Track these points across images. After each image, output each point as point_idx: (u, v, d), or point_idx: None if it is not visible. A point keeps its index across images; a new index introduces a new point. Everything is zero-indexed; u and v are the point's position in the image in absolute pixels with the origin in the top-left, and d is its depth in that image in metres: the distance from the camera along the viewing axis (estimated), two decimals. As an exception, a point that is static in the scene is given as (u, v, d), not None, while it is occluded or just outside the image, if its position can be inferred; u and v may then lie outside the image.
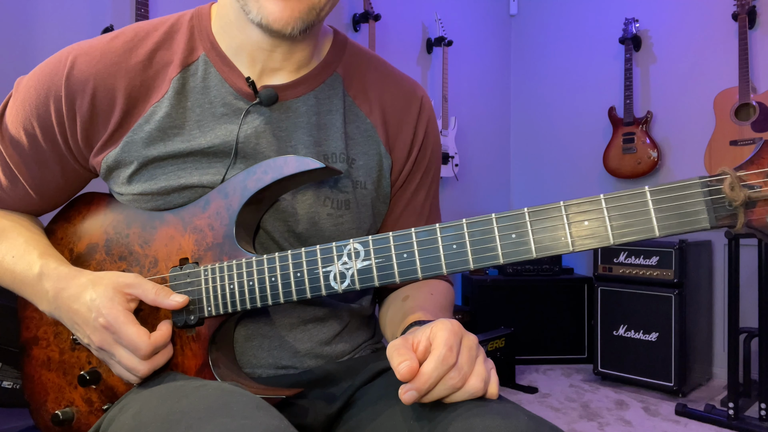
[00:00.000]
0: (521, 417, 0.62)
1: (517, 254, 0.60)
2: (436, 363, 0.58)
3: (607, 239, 0.57)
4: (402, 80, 0.90)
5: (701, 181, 0.53)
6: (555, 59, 3.76)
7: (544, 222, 0.59)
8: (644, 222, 0.55)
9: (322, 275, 0.67)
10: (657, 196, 0.55)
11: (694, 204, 0.53)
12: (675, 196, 0.54)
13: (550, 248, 0.59)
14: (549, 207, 0.59)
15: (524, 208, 0.60)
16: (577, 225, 0.58)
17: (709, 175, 0.52)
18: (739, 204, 0.49)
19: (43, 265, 0.77)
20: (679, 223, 0.54)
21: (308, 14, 0.72)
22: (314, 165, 0.71)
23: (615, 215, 0.56)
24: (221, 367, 0.74)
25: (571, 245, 0.58)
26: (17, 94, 0.81)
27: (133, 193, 0.78)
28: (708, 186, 0.52)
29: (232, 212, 0.74)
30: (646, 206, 0.55)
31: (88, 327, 0.72)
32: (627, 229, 0.56)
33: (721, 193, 0.51)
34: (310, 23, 0.73)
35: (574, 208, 0.58)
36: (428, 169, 0.91)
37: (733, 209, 0.51)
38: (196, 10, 0.83)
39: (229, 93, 0.78)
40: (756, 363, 2.37)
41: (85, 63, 0.77)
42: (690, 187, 0.53)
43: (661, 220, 0.55)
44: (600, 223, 0.57)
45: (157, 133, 0.77)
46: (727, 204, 0.51)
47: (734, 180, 0.49)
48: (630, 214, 0.56)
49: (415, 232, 0.64)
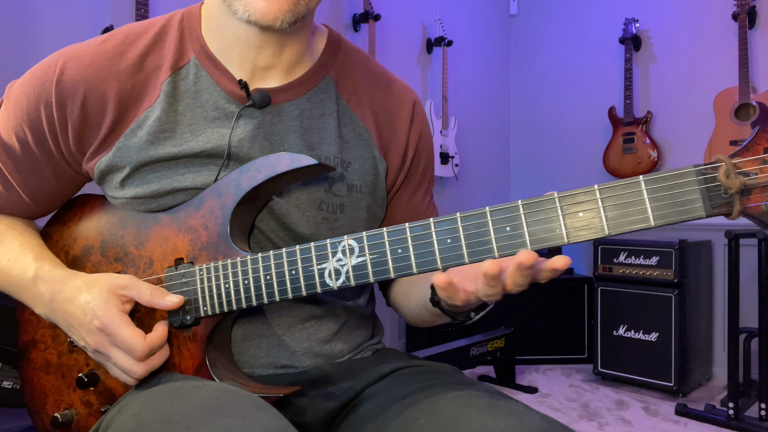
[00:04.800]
0: (535, 417, 0.62)
1: (512, 247, 0.59)
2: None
3: (602, 230, 0.56)
4: (394, 84, 0.90)
5: (696, 169, 0.52)
6: (555, 59, 3.76)
7: (538, 214, 0.58)
8: (639, 212, 0.55)
9: (317, 272, 0.67)
10: (652, 185, 0.54)
11: (689, 192, 0.53)
12: (670, 185, 0.54)
13: (544, 240, 0.58)
14: (543, 199, 0.58)
15: (518, 200, 0.59)
16: (572, 216, 0.57)
17: (704, 163, 0.52)
18: (735, 191, 0.49)
19: (38, 268, 0.77)
20: (674, 212, 0.53)
21: (296, 6, 0.71)
22: (307, 162, 0.71)
23: (610, 205, 0.56)
24: (219, 366, 0.74)
25: (566, 237, 0.57)
26: (8, 100, 0.81)
27: (126, 197, 0.78)
28: (703, 174, 0.52)
29: (226, 211, 0.74)
30: (641, 195, 0.55)
31: (83, 329, 0.72)
32: (622, 219, 0.55)
33: (716, 181, 0.51)
34: (299, 15, 0.72)
35: (568, 199, 0.57)
36: (424, 173, 0.91)
37: (728, 197, 0.50)
38: (186, 11, 0.82)
39: (221, 96, 0.78)
40: (756, 363, 2.37)
41: (75, 68, 0.76)
42: (685, 176, 0.53)
43: (656, 209, 0.54)
44: (595, 214, 0.56)
45: (149, 137, 0.76)
46: (723, 192, 0.51)
47: (729, 167, 0.48)
48: (625, 204, 0.55)
49: (409, 227, 0.63)
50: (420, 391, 0.72)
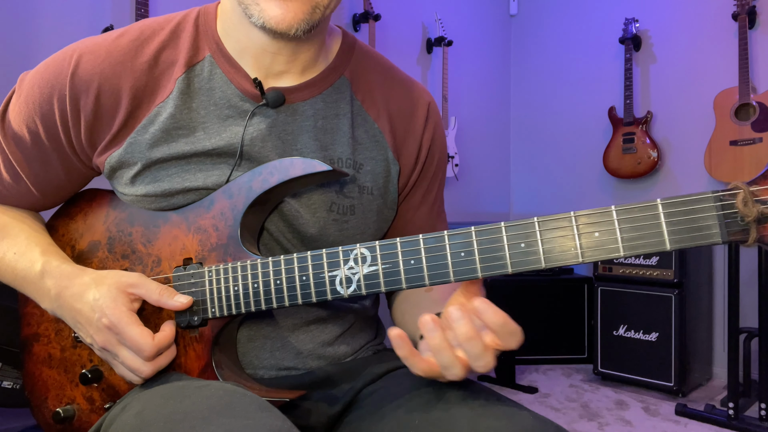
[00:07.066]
0: (526, 417, 0.62)
1: (526, 264, 0.59)
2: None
3: (617, 251, 0.56)
4: (409, 85, 0.89)
5: (714, 195, 0.52)
6: (555, 59, 3.75)
7: (553, 232, 0.58)
8: (655, 235, 0.55)
9: (328, 280, 0.66)
10: (669, 209, 0.54)
11: (706, 218, 0.53)
12: (687, 210, 0.54)
13: (559, 259, 0.58)
14: (559, 217, 0.58)
15: (534, 217, 0.59)
16: (588, 236, 0.57)
17: (721, 190, 0.52)
18: (752, 219, 0.49)
19: (45, 262, 0.77)
20: (690, 237, 0.53)
21: (312, 14, 0.71)
22: (321, 167, 0.70)
23: (626, 227, 0.56)
24: (224, 368, 0.74)
25: (580, 256, 0.58)
26: (20, 91, 0.80)
27: (136, 195, 0.78)
28: (721, 200, 0.52)
29: (237, 213, 0.73)
30: (657, 219, 0.55)
31: (91, 327, 0.71)
32: (638, 241, 0.55)
33: (733, 208, 0.51)
34: (314, 23, 0.72)
35: (584, 218, 0.57)
36: (435, 175, 0.91)
37: (745, 224, 0.50)
38: (202, 9, 0.82)
39: (235, 94, 0.77)
40: (756, 363, 2.38)
41: (90, 62, 0.76)
42: (702, 201, 0.53)
43: (673, 233, 0.54)
44: (610, 235, 0.56)
45: (161, 134, 0.76)
46: (740, 219, 0.51)
47: (747, 195, 0.49)
48: (641, 226, 0.55)
49: (423, 238, 0.63)
50: (414, 391, 0.72)
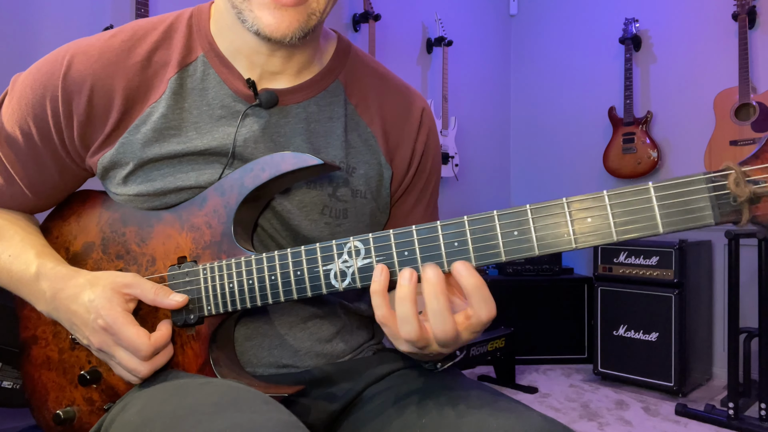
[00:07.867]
0: (535, 417, 0.62)
1: (520, 251, 0.59)
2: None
3: (610, 236, 0.56)
4: (404, 91, 0.89)
5: (705, 176, 0.52)
6: (555, 59, 3.76)
7: (546, 219, 0.58)
8: (648, 218, 0.54)
9: (323, 273, 0.66)
10: (661, 192, 0.54)
11: (698, 200, 0.53)
12: (679, 192, 0.53)
13: (552, 245, 0.58)
14: (551, 203, 0.58)
15: (526, 204, 0.59)
16: (580, 221, 0.57)
17: (713, 171, 0.52)
18: (744, 200, 0.49)
19: (40, 264, 0.77)
20: (683, 220, 0.53)
21: (307, 22, 0.70)
22: (312, 161, 0.70)
23: (618, 212, 0.56)
24: (222, 365, 0.74)
25: (573, 242, 0.57)
26: (13, 92, 0.80)
27: (129, 194, 0.78)
28: (712, 182, 0.52)
29: (230, 210, 0.73)
30: (649, 202, 0.54)
31: (87, 328, 0.71)
32: (630, 225, 0.55)
33: (725, 189, 0.51)
34: (309, 29, 0.72)
35: (576, 204, 0.57)
36: (428, 180, 0.91)
37: (737, 205, 0.50)
38: (196, 9, 0.82)
39: (228, 95, 0.77)
40: (756, 363, 2.37)
41: (83, 62, 0.75)
42: (694, 183, 0.53)
43: (665, 216, 0.54)
44: (603, 220, 0.56)
45: (154, 134, 0.76)
46: (732, 200, 0.50)
47: (739, 175, 0.48)
48: (633, 210, 0.55)
49: (416, 229, 0.63)
50: (420, 392, 0.72)
